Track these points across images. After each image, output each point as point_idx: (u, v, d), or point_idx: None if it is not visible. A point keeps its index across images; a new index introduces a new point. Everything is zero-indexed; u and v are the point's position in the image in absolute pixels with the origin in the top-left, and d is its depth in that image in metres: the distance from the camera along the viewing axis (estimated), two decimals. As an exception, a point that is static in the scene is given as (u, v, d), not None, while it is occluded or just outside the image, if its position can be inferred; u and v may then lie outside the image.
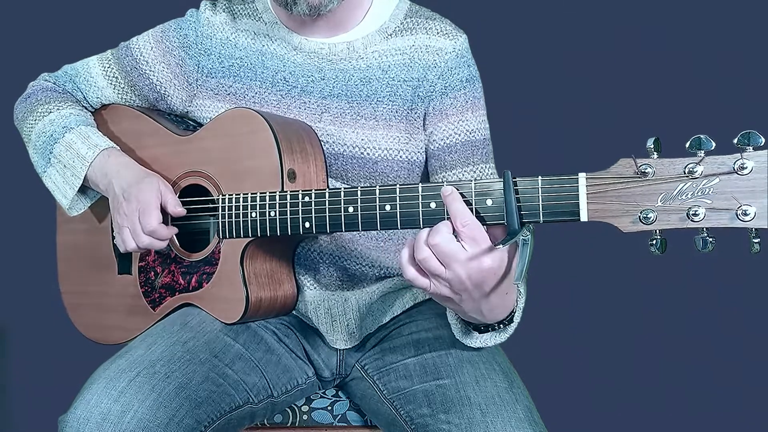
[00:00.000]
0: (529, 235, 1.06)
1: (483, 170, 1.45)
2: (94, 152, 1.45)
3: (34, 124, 1.53)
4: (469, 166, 1.44)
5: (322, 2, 1.35)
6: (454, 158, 1.44)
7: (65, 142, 1.48)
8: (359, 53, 1.44)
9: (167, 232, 1.38)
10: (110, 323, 1.54)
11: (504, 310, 1.19)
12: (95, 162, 1.45)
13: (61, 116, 1.50)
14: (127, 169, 1.44)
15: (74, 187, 1.48)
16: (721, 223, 0.99)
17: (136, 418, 1.15)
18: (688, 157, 1.01)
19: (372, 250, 1.45)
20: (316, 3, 1.35)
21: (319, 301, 1.46)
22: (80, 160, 1.46)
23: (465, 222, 1.08)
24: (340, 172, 1.43)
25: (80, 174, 1.46)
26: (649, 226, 1.02)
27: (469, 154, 1.44)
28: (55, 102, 1.54)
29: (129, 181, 1.41)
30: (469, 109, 1.45)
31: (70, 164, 1.47)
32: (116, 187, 1.42)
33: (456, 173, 1.44)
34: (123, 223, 1.40)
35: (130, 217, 1.38)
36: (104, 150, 1.46)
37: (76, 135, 1.48)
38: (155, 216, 1.36)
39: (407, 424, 1.29)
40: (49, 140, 1.49)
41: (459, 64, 1.44)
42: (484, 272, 1.09)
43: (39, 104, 1.54)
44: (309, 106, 1.43)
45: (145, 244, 1.38)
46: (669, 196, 1.01)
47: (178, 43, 1.48)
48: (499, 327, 1.23)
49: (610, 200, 1.03)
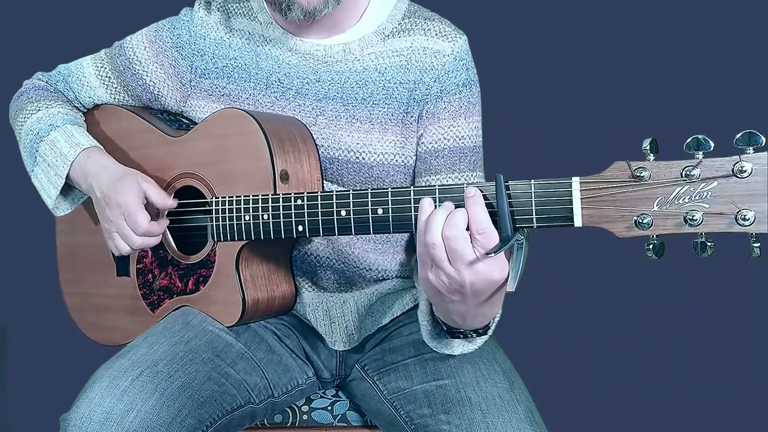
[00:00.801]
0: (523, 240, 1.04)
1: (468, 178, 1.42)
2: (76, 151, 1.44)
3: (23, 122, 1.52)
4: (455, 173, 1.41)
5: (316, 8, 1.33)
6: (440, 163, 1.41)
7: (50, 140, 1.46)
8: (355, 55, 1.42)
9: (159, 228, 1.38)
10: (111, 324, 1.55)
11: (484, 320, 1.17)
12: (76, 162, 1.44)
13: (48, 114, 1.50)
14: (105, 171, 1.42)
15: (57, 186, 1.47)
16: (719, 228, 0.97)
17: (139, 418, 1.16)
18: (685, 159, 0.99)
19: (369, 252, 1.44)
20: (310, 8, 1.33)
21: (317, 303, 1.45)
22: (62, 158, 1.44)
23: (482, 229, 1.03)
24: (335, 176, 1.42)
25: (62, 173, 1.45)
26: (645, 231, 1.00)
27: (456, 161, 1.42)
28: (45, 100, 1.53)
29: (107, 184, 1.39)
30: (462, 115, 1.42)
31: (53, 163, 1.45)
32: (96, 190, 1.41)
33: (440, 179, 1.41)
34: (111, 229, 1.39)
35: (116, 222, 1.37)
36: (85, 149, 1.45)
37: (61, 133, 1.46)
38: (141, 216, 1.35)
39: (407, 424, 1.29)
40: (36, 138, 1.48)
41: (457, 68, 1.41)
42: (489, 283, 1.06)
43: (29, 102, 1.54)
44: (304, 109, 1.42)
45: (139, 245, 1.37)
46: (666, 201, 0.99)
47: (171, 43, 1.47)
48: (470, 335, 1.21)
49: (605, 205, 1.01)
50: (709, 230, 0.98)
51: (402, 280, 1.49)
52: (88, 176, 1.43)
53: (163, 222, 1.39)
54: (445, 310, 1.14)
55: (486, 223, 1.04)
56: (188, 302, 1.41)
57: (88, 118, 1.57)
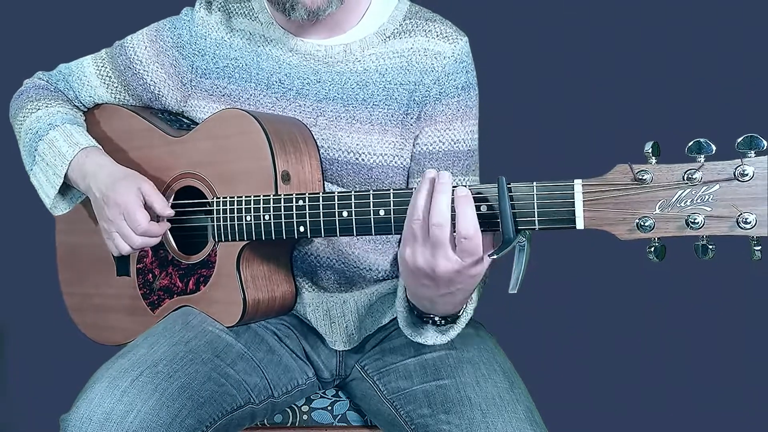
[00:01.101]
0: (525, 241, 1.04)
1: (461, 182, 1.42)
2: (74, 150, 1.44)
3: (23, 120, 1.52)
4: None
5: (320, 7, 1.33)
6: (434, 166, 1.41)
7: (48, 139, 1.46)
8: (356, 56, 1.41)
9: (159, 229, 1.38)
10: (111, 324, 1.55)
11: (453, 309, 1.18)
12: (74, 161, 1.44)
13: (48, 113, 1.49)
14: (103, 171, 1.41)
15: (55, 186, 1.46)
16: (720, 231, 0.98)
17: (139, 418, 1.16)
18: (687, 162, 0.99)
19: (369, 252, 1.44)
20: (314, 8, 1.33)
21: (317, 303, 1.45)
22: (60, 158, 1.44)
23: (468, 235, 1.03)
24: (335, 177, 1.42)
25: (60, 173, 1.45)
26: (646, 234, 1.00)
27: (450, 164, 1.42)
28: (45, 99, 1.53)
29: (106, 184, 1.39)
30: (459, 119, 1.42)
31: (52, 162, 1.45)
32: (95, 190, 1.41)
33: None
34: (110, 228, 1.39)
35: (116, 221, 1.37)
36: (84, 149, 1.44)
37: (60, 132, 1.46)
38: (141, 216, 1.35)
39: (407, 424, 1.29)
40: (35, 137, 1.48)
41: (457, 70, 1.41)
42: (467, 278, 1.08)
43: (29, 101, 1.53)
44: (304, 110, 1.42)
45: (139, 244, 1.37)
46: (667, 204, 0.99)
47: (172, 43, 1.47)
48: (440, 323, 1.22)
49: (607, 207, 1.01)
50: (710, 233, 0.98)
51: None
52: (86, 176, 1.42)
53: (163, 224, 1.39)
54: (414, 293, 1.16)
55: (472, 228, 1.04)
56: (188, 302, 1.41)
57: (88, 117, 1.57)
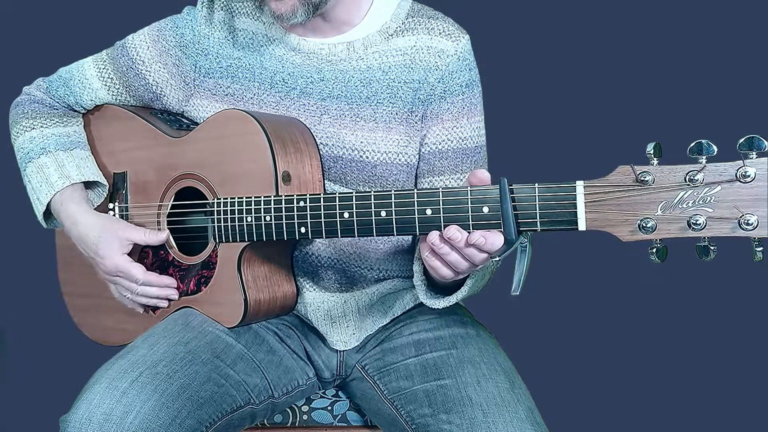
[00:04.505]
0: (527, 242, 1.05)
1: None
2: (64, 183, 1.47)
3: (16, 137, 1.54)
4: (458, 173, 1.42)
5: (284, 14, 1.34)
6: (444, 164, 1.42)
7: (38, 164, 1.48)
8: (359, 54, 1.41)
9: (158, 279, 1.43)
10: (111, 325, 1.55)
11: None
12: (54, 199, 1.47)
13: (42, 135, 1.51)
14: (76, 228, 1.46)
15: (39, 211, 1.50)
16: (722, 232, 0.98)
17: (139, 419, 1.16)
18: (689, 163, 0.99)
19: (371, 252, 1.44)
20: (278, 14, 1.35)
21: (318, 302, 1.45)
22: (47, 185, 1.47)
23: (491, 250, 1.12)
24: (339, 175, 1.41)
25: (44, 200, 1.48)
26: (648, 235, 1.00)
27: (459, 162, 1.42)
28: (41, 118, 1.53)
29: (87, 245, 1.45)
30: (465, 116, 1.42)
31: (38, 188, 1.48)
32: (79, 246, 1.48)
33: (444, 179, 1.42)
34: (112, 280, 1.46)
35: (115, 279, 1.45)
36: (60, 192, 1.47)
37: (51, 160, 1.49)
38: (136, 271, 1.42)
39: (408, 424, 1.29)
40: (25, 158, 1.50)
41: (460, 68, 1.41)
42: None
43: (24, 117, 1.54)
44: (308, 108, 1.42)
45: (142, 293, 1.44)
46: (669, 205, 0.99)
47: (175, 43, 1.46)
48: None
49: (609, 209, 1.01)
50: (712, 234, 0.99)
51: (403, 280, 1.48)
52: (64, 222, 1.48)
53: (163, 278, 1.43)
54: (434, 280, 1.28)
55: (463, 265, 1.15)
56: (189, 303, 1.41)
57: (88, 118, 1.57)
